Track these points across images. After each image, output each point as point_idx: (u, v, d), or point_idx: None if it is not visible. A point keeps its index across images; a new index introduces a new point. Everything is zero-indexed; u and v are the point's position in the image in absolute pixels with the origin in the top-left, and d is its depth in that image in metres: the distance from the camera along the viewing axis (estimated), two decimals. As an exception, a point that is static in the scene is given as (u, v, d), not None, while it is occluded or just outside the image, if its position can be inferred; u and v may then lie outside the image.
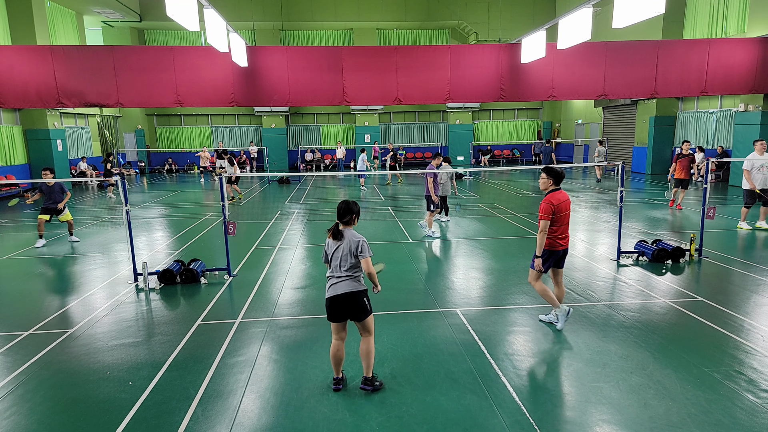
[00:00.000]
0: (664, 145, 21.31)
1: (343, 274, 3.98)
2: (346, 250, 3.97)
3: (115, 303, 6.43)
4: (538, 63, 15.67)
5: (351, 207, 4.09)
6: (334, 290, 3.99)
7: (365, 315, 4.04)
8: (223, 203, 7.23)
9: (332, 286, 4.01)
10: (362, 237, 4.01)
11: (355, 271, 4.01)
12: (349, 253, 3.97)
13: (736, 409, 3.74)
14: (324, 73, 15.56)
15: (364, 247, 3.97)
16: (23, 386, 4.33)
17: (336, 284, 3.99)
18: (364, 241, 4.00)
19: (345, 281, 3.98)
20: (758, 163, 9.81)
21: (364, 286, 4.04)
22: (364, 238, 4.01)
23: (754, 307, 5.85)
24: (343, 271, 3.98)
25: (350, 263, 3.97)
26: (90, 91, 14.89)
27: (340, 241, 4.00)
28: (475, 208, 13.29)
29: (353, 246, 3.96)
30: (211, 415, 3.82)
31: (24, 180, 13.41)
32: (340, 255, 3.99)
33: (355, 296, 3.97)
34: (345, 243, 3.99)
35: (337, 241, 4.01)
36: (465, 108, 29.40)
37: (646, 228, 10.31)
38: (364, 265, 3.97)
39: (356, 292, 3.98)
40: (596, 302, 6.07)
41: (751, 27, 16.38)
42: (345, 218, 4.07)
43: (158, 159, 29.39)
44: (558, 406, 3.85)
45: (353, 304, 3.98)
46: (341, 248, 3.99)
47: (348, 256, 3.97)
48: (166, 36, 27.71)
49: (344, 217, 4.07)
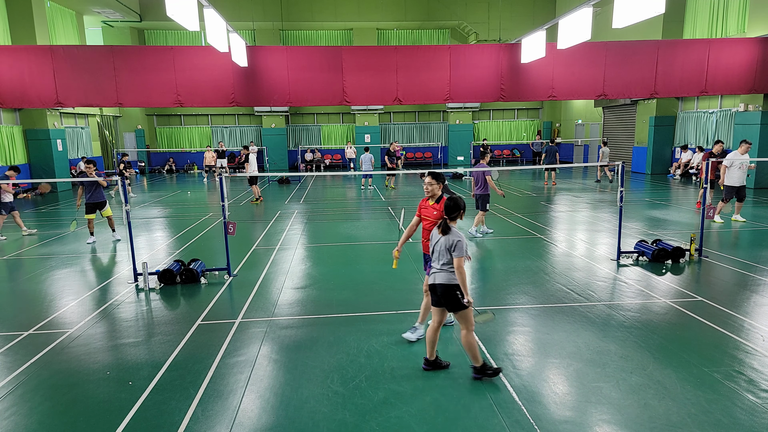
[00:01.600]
0: (664, 145, 21.32)
1: (440, 267, 4.18)
2: (445, 246, 4.12)
3: (115, 303, 6.43)
4: (538, 63, 15.67)
5: (458, 203, 4.20)
6: (432, 278, 4.25)
7: (455, 308, 4.14)
8: (223, 203, 7.23)
9: (431, 274, 4.27)
10: (462, 236, 4.13)
11: (450, 266, 4.13)
12: (445, 249, 4.12)
13: (736, 409, 3.74)
14: (324, 73, 15.55)
15: (458, 246, 4.07)
16: (23, 386, 4.33)
17: (434, 273, 4.23)
18: (462, 240, 4.10)
19: (440, 273, 4.18)
20: (737, 162, 10.29)
21: (456, 281, 4.12)
22: (462, 237, 4.12)
23: (754, 307, 5.85)
24: (440, 264, 4.18)
25: (447, 258, 4.14)
26: (90, 91, 14.89)
27: (444, 235, 4.14)
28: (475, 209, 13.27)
29: (450, 243, 4.09)
30: (211, 415, 3.82)
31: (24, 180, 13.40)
32: (439, 249, 4.19)
33: (447, 289, 4.13)
34: (445, 238, 4.15)
35: (440, 235, 4.17)
36: (465, 108, 29.39)
37: (646, 228, 10.31)
38: (456, 263, 4.07)
39: (449, 285, 4.12)
40: (596, 302, 6.07)
41: (751, 27, 16.38)
42: (453, 214, 4.19)
43: (158, 159, 29.38)
44: (558, 406, 3.85)
45: (446, 295, 4.15)
46: (440, 242, 4.18)
47: (445, 252, 4.13)
48: (166, 36, 27.70)
49: (452, 213, 4.19)
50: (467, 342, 4.19)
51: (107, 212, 10.01)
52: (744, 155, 10.32)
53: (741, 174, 10.41)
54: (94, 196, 9.83)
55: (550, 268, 7.57)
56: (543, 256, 8.29)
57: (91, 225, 9.87)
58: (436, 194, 4.95)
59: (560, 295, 6.36)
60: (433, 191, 4.94)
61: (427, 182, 4.94)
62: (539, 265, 7.73)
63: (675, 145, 21.16)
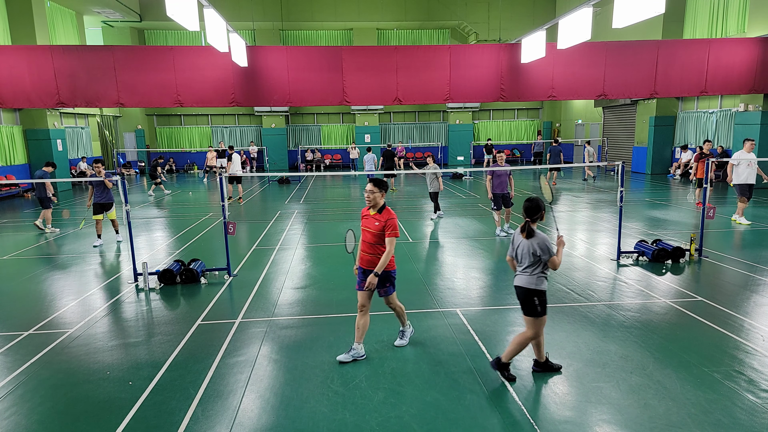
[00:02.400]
0: (664, 145, 21.31)
1: (523, 270, 4.15)
2: (528, 249, 4.06)
3: (115, 303, 6.43)
4: (538, 63, 15.67)
5: (539, 204, 4.10)
6: (515, 280, 4.23)
7: (530, 313, 4.11)
8: (223, 203, 7.23)
9: (515, 276, 4.25)
10: (544, 236, 4.05)
11: (534, 269, 4.07)
12: (529, 253, 4.06)
13: (736, 409, 3.74)
14: (324, 73, 15.55)
15: (545, 248, 4.01)
16: (23, 386, 4.33)
17: (517, 275, 4.22)
18: (546, 240, 4.03)
19: (522, 276, 4.15)
20: (744, 161, 10.27)
21: (537, 286, 4.06)
22: (545, 238, 4.04)
23: (754, 307, 5.85)
24: (523, 267, 4.14)
25: (529, 261, 4.09)
26: (90, 91, 14.88)
27: (528, 239, 4.08)
28: (475, 208, 13.29)
29: (534, 247, 4.03)
30: (211, 415, 3.82)
31: (24, 180, 13.41)
32: (522, 252, 4.14)
33: (527, 293, 4.10)
34: (528, 242, 4.07)
35: (523, 238, 4.11)
36: (465, 108, 29.39)
37: (646, 228, 10.30)
38: (551, 264, 4.04)
39: (527, 289, 4.09)
40: (596, 302, 6.07)
41: (751, 27, 16.38)
42: (534, 216, 4.09)
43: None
44: (558, 406, 3.85)
45: (524, 299, 4.12)
46: (523, 246, 4.12)
47: (528, 255, 4.07)
48: (166, 36, 27.71)
49: (534, 214, 4.09)
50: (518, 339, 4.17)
51: (111, 215, 9.96)
52: (750, 153, 10.34)
53: (750, 172, 10.43)
54: (101, 197, 9.77)
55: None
56: (543, 256, 8.28)
57: (98, 226, 9.80)
58: (378, 203, 4.52)
59: (560, 295, 6.36)
60: (375, 200, 4.51)
61: (368, 190, 4.51)
62: (539, 265, 7.72)
63: (675, 145, 21.16)
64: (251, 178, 23.17)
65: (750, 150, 10.39)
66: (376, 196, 4.50)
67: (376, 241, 4.50)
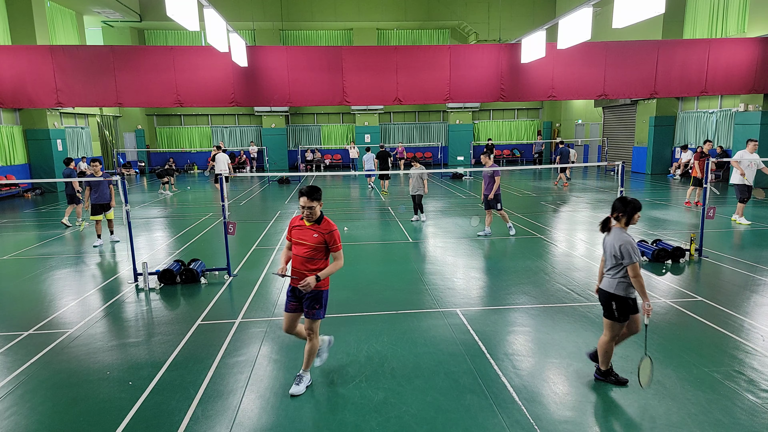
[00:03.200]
0: (664, 145, 21.31)
1: (607, 272, 4.05)
2: (611, 250, 3.95)
3: (115, 303, 6.43)
4: (538, 63, 15.67)
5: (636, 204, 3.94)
6: (601, 281, 4.14)
7: (609, 316, 4.03)
8: (223, 203, 7.23)
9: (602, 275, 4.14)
10: (627, 240, 3.85)
11: (616, 272, 3.95)
12: (611, 254, 3.95)
13: (736, 409, 3.74)
14: (324, 73, 15.55)
15: (626, 252, 3.82)
16: (23, 386, 4.33)
17: (602, 276, 4.14)
18: (629, 244, 3.83)
19: (605, 278, 4.07)
20: (746, 161, 10.26)
21: (617, 291, 3.94)
22: (628, 241, 3.84)
23: (754, 307, 5.85)
24: (608, 268, 4.04)
25: (611, 263, 3.98)
26: (90, 91, 14.89)
27: (601, 231, 4.05)
28: (475, 209, 13.29)
29: (615, 249, 3.90)
30: (211, 415, 3.82)
31: (24, 180, 13.40)
32: (607, 251, 4.03)
33: (605, 295, 4.04)
34: (609, 242, 3.98)
35: (607, 236, 4.05)
36: (465, 108, 29.39)
37: (646, 228, 10.30)
38: (630, 272, 3.85)
39: (607, 292, 4.01)
40: (596, 302, 6.05)
41: (751, 27, 16.38)
42: (615, 213, 4.00)
43: (158, 159, 29.37)
44: (558, 406, 3.85)
45: (604, 301, 4.05)
46: (606, 244, 4.03)
47: (611, 257, 3.97)
48: (166, 36, 27.70)
49: (615, 212, 4.00)
50: (604, 345, 4.08)
51: (110, 215, 9.93)
52: (753, 154, 10.33)
53: (751, 172, 10.42)
54: (100, 197, 9.73)
55: (550, 268, 7.57)
56: (543, 256, 8.29)
57: (98, 227, 9.77)
58: (315, 215, 4.00)
59: (560, 295, 6.36)
60: (314, 213, 3.97)
61: (304, 205, 3.95)
62: (539, 265, 7.73)
63: (675, 145, 21.16)
64: (251, 178, 23.18)
65: (753, 150, 10.38)
66: (314, 209, 3.95)
67: (314, 255, 4.00)
